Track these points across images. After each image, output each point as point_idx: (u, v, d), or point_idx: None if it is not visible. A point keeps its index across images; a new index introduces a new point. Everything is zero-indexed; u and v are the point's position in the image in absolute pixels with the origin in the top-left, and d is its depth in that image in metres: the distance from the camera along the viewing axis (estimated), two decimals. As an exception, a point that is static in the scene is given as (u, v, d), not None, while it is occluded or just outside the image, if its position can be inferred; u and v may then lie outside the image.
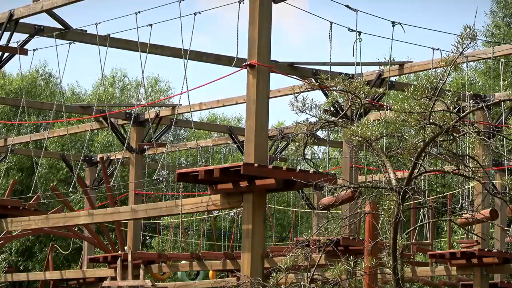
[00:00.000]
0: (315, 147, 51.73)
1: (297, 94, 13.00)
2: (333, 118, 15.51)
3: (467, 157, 12.80)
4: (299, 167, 20.16)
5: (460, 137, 12.40)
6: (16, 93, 53.41)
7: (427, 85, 12.00)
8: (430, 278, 30.42)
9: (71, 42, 24.73)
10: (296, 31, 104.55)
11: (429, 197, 30.13)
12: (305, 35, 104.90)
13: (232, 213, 33.04)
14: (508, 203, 26.02)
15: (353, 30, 22.49)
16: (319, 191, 29.31)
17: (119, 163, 35.65)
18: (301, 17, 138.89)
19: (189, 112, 29.29)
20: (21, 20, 24.23)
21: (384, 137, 12.43)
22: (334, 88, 13.76)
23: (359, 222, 26.42)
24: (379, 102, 23.05)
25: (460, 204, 31.58)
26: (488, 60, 36.86)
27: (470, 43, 12.40)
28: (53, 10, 23.74)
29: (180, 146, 39.26)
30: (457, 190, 31.46)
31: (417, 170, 12.00)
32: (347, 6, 21.86)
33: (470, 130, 12.61)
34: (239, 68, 19.45)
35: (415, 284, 31.50)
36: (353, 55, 22.97)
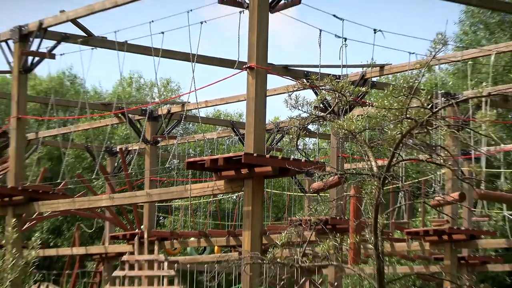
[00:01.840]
0: (307, 139, 51.79)
1: (291, 93, 13.00)
2: (322, 114, 15.49)
3: (439, 147, 12.81)
4: (292, 157, 20.14)
5: (433, 130, 12.40)
6: (45, 93, 53.34)
7: (404, 85, 12.02)
8: (407, 252, 30.42)
9: (93, 48, 24.70)
10: (288, 36, 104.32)
11: (406, 182, 30.10)
12: (297, 40, 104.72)
13: (234, 196, 33.00)
14: (474, 187, 26.13)
15: (339, 37, 22.45)
16: (310, 177, 29.26)
17: (136, 153, 35.62)
18: (294, 23, 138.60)
19: (196, 108, 29.23)
20: (49, 29, 24.21)
21: (366, 130, 12.43)
22: (323, 87, 13.75)
23: (344, 204, 26.41)
24: (362, 100, 23.03)
25: (432, 188, 31.60)
26: (457, 62, 36.81)
27: (441, 47, 12.41)
28: (77, 20, 23.73)
29: (189, 138, 39.23)
30: (430, 176, 31.43)
31: (395, 159, 12.01)
32: (334, 15, 21.80)
33: (441, 124, 12.63)
34: (240, 70, 19.41)
35: (393, 258, 31.43)
36: (339, 58, 22.95)
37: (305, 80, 24.15)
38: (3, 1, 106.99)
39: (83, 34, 24.27)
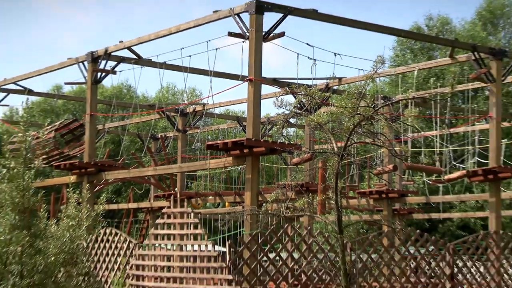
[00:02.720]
0: (289, 128, 51.73)
1: (278, 97, 12.95)
2: (299, 111, 15.48)
3: (379, 134, 12.79)
4: (279, 141, 20.09)
5: (375, 122, 12.38)
6: (109, 97, 53.23)
7: (355, 91, 12.00)
8: (357, 206, 30.42)
9: (142, 66, 24.65)
10: (276, 58, 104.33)
11: (357, 158, 30.07)
12: (282, 60, 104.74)
13: (239, 168, 32.90)
14: (403, 161, 26.05)
15: (311, 58, 22.44)
16: (291, 154, 29.18)
17: (171, 139, 35.72)
18: (280, 49, 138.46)
19: (213, 108, 29.21)
20: (112, 53, 24.17)
21: (329, 122, 12.41)
22: (300, 93, 13.70)
23: (315, 173, 26.39)
24: (327, 102, 23.02)
25: (375, 162, 31.63)
26: (391, 75, 36.77)
27: (380, 65, 12.39)
28: (131, 47, 23.70)
29: (208, 129, 39.27)
30: (373, 154, 31.45)
31: (349, 142, 11.99)
32: (307, 44, 21.73)
33: (380, 118, 12.62)
34: (243, 81, 19.42)
35: (348, 210, 31.43)
36: (311, 73, 23.02)
37: (287, 88, 24.07)
38: (80, 33, 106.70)
39: (135, 57, 24.24)
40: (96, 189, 24.52)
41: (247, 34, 18.75)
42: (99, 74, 24.47)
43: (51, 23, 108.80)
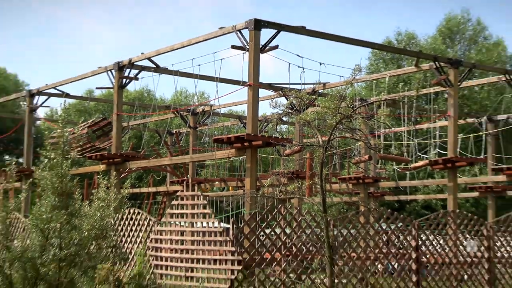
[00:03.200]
0: (282, 125, 51.71)
1: (272, 99, 12.94)
2: (290, 111, 15.48)
3: (357, 129, 12.78)
4: (274, 135, 20.11)
5: (353, 120, 12.37)
6: (132, 99, 53.07)
7: (337, 94, 11.98)
8: (339, 189, 30.42)
9: (159, 74, 24.61)
10: (272, 66, 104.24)
11: (338, 149, 30.07)
12: (277, 68, 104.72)
13: (240, 158, 32.92)
14: (377, 152, 26.02)
15: (300, 67, 22.43)
16: (284, 147, 29.21)
17: (184, 134, 35.69)
18: (275, 59, 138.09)
19: (219, 108, 29.19)
20: (135, 63, 24.14)
21: (315, 120, 12.39)
22: (291, 95, 13.69)
23: (303, 162, 26.40)
24: (313, 103, 23.03)
25: (353, 153, 31.61)
26: (367, 81, 36.74)
27: (358, 73, 12.37)
28: (150, 58, 23.65)
29: (214, 126, 39.20)
30: (352, 146, 31.43)
31: (332, 136, 11.98)
32: (297, 55, 21.72)
33: (358, 116, 12.61)
34: (244, 86, 19.37)
35: (331, 193, 31.42)
36: (300, 79, 23.00)
37: (280, 92, 24.03)
38: (108, 45, 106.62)
39: (154, 66, 24.19)
40: (121, 176, 24.48)
41: (247, 46, 18.73)
42: (124, 80, 24.44)
43: (84, 38, 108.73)
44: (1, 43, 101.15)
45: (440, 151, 29.25)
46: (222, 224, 14.74)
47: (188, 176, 30.73)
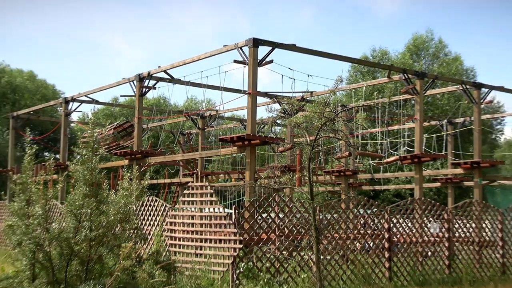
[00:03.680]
0: (276, 127, 51.66)
1: (268, 105, 12.92)
2: (283, 115, 15.47)
3: (339, 130, 12.77)
4: (269, 135, 20.11)
5: (336, 122, 12.36)
6: (151, 105, 52.98)
7: (322, 101, 11.95)
8: (324, 180, 30.43)
9: (174, 84, 24.58)
10: (267, 77, 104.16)
11: (323, 147, 30.05)
12: (272, 79, 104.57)
13: (241, 154, 32.92)
14: (355, 149, 25.98)
15: (291, 78, 22.38)
16: (278, 145, 29.22)
17: (194, 134, 35.63)
18: (270, 71, 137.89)
19: (223, 112, 29.18)
20: (153, 75, 24.09)
21: (304, 123, 12.38)
22: (284, 102, 13.69)
23: (294, 158, 26.39)
24: (302, 108, 23.04)
25: (336, 150, 31.60)
26: (347, 90, 36.70)
27: (339, 83, 12.35)
28: (166, 70, 23.62)
29: (219, 127, 39.15)
30: (334, 144, 31.43)
31: (318, 136, 11.97)
32: (289, 68, 21.71)
33: (340, 119, 12.58)
34: (244, 94, 19.34)
35: (317, 183, 31.42)
36: (291, 88, 22.93)
37: (275, 99, 24.00)
38: (130, 60, 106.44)
39: (169, 77, 24.15)
40: (142, 169, 24.47)
41: (247, 61, 18.70)
42: (144, 89, 24.38)
43: (109, 53, 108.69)
44: (44, 58, 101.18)
45: (408, 148, 29.27)
46: (226, 210, 14.72)
47: (197, 169, 30.71)
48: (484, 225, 17.31)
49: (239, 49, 18.97)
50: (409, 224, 15.95)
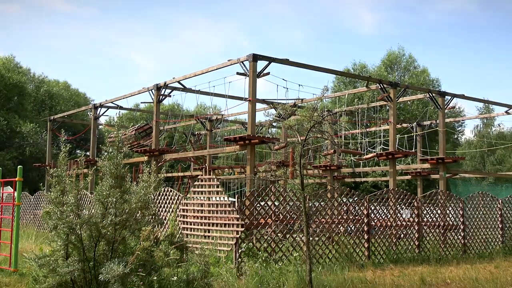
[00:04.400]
0: (272, 129, 51.59)
1: (265, 110, 12.88)
2: (278, 119, 15.42)
3: (325, 132, 12.72)
4: (266, 136, 20.08)
5: (323, 124, 12.31)
6: (166, 110, 52.84)
7: (311, 107, 11.91)
8: (313, 174, 30.38)
9: (186, 92, 24.52)
10: (265, 86, 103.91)
11: (312, 146, 30.04)
12: (269, 88, 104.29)
13: (243, 152, 32.90)
14: (339, 147, 25.86)
15: (285, 87, 22.36)
16: (274, 144, 29.17)
17: (203, 135, 35.51)
18: (267, 82, 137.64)
19: (228, 116, 29.07)
20: (168, 85, 24.02)
21: (296, 125, 12.34)
22: (279, 108, 13.63)
23: (287, 155, 26.33)
24: (294, 113, 23.03)
25: (323, 148, 31.54)
26: (332, 97, 36.62)
27: (326, 91, 12.30)
28: (179, 81, 23.55)
29: (225, 129, 39.04)
30: (321, 143, 31.36)
31: (307, 136, 11.92)
32: (283, 79, 21.64)
33: (326, 122, 12.52)
34: (245, 101, 19.29)
35: (307, 176, 31.37)
36: (285, 96, 22.89)
37: (271, 105, 23.94)
38: (148, 72, 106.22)
39: (182, 87, 24.09)
40: (159, 164, 24.41)
41: (248, 73, 18.66)
42: (160, 97, 24.33)
43: (131, 67, 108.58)
44: (77, 70, 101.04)
45: (384, 146, 29.23)
46: (230, 199, 14.68)
47: (206, 164, 30.66)
48: (448, 211, 17.29)
49: (241, 63, 18.94)
50: (385, 211, 15.92)
